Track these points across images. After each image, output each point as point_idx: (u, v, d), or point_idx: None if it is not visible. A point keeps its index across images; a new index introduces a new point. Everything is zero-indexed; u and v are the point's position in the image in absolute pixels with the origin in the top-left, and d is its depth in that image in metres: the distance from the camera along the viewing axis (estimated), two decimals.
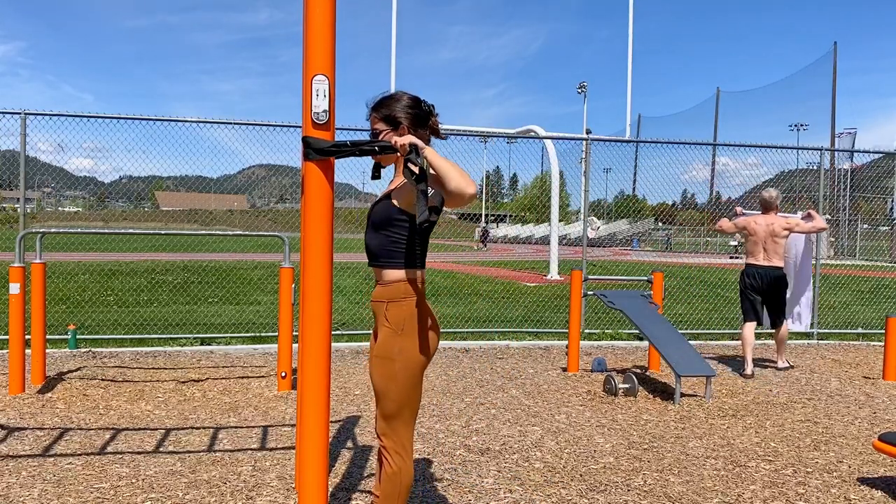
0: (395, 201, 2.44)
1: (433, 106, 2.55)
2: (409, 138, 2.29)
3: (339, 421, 4.70)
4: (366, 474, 3.70)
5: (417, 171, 2.27)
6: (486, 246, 38.05)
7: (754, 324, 6.75)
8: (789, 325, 7.19)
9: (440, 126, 2.61)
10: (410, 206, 2.41)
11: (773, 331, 6.95)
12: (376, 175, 2.62)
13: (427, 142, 2.49)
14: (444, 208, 2.47)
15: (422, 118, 2.50)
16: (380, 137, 2.50)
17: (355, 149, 2.52)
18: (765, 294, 6.70)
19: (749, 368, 6.50)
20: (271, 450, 4.06)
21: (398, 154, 2.37)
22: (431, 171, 2.26)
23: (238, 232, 7.12)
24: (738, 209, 7.13)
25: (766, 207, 6.80)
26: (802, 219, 6.93)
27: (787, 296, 6.96)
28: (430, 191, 2.36)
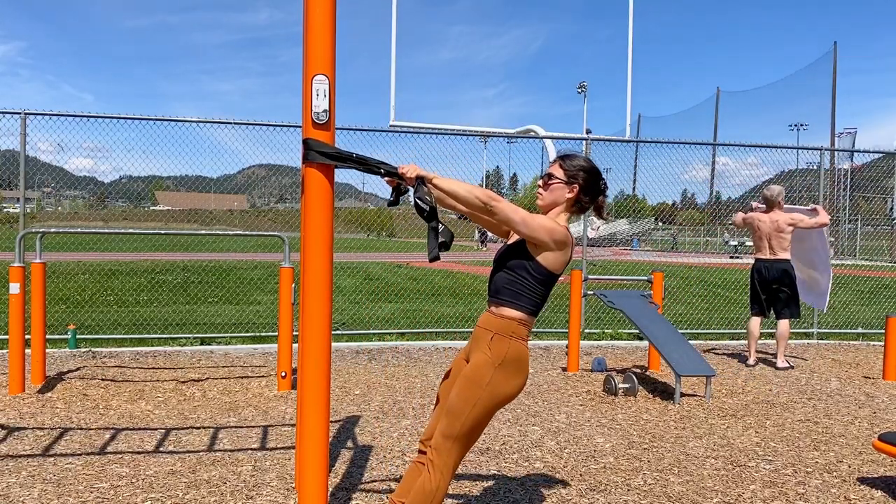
0: (529, 246, 2.47)
1: (607, 186, 2.63)
2: (416, 170, 2.39)
3: (339, 421, 4.70)
4: (366, 474, 3.70)
5: (428, 209, 2.36)
6: (485, 246, 38.05)
7: (760, 318, 7.11)
8: (822, 307, 7.54)
9: (601, 204, 2.65)
10: (538, 253, 2.45)
11: (774, 328, 7.02)
12: (393, 202, 2.65)
13: (583, 212, 2.60)
14: (453, 213, 2.54)
15: (595, 191, 2.58)
16: (550, 182, 2.55)
17: (359, 164, 2.55)
18: (770, 286, 6.95)
19: (752, 359, 6.97)
20: (271, 450, 4.06)
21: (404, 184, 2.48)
22: (445, 201, 2.40)
23: (238, 232, 7.12)
24: (755, 204, 7.28)
25: (770, 204, 6.93)
26: (807, 214, 7.05)
27: (819, 282, 7.16)
28: (441, 227, 2.44)
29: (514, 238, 2.61)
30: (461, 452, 2.48)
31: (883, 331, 7.33)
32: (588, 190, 2.55)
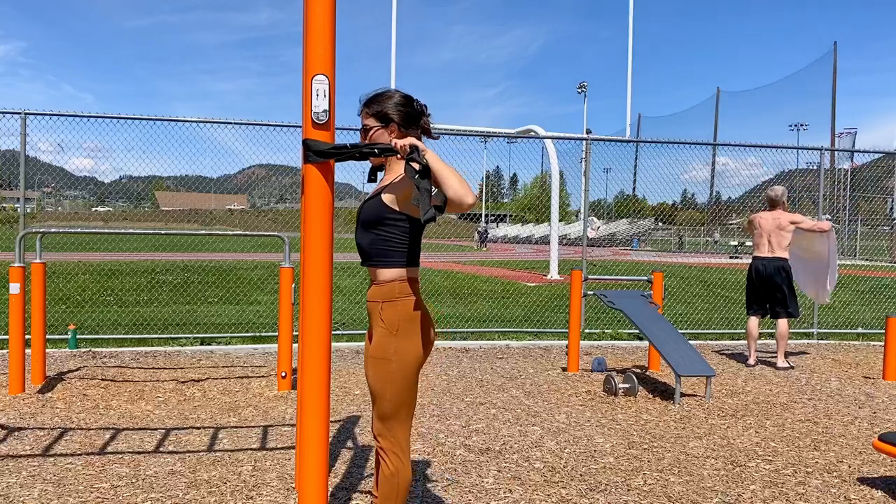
0: (386, 199, 2.42)
1: (426, 106, 2.53)
2: (411, 140, 2.27)
3: (339, 421, 4.70)
4: (366, 474, 3.70)
5: (419, 168, 2.25)
6: (485, 246, 38.07)
7: (758, 318, 7.13)
8: (825, 299, 7.47)
9: (431, 126, 2.59)
10: (404, 203, 2.39)
11: (774, 328, 7.03)
12: (373, 178, 2.61)
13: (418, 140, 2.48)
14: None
15: (413, 117, 2.48)
16: (370, 134, 2.48)
17: (355, 151, 2.51)
18: (767, 284, 6.96)
19: (752, 359, 7.00)
20: (271, 450, 4.06)
21: (398, 156, 2.37)
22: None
23: (238, 232, 7.12)
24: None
25: (773, 204, 7.01)
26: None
27: (826, 272, 7.20)
28: (434, 189, 2.34)
29: (372, 191, 2.53)
30: (404, 428, 2.44)
31: (883, 331, 7.33)
32: (407, 121, 2.45)
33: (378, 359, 2.41)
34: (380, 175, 2.62)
